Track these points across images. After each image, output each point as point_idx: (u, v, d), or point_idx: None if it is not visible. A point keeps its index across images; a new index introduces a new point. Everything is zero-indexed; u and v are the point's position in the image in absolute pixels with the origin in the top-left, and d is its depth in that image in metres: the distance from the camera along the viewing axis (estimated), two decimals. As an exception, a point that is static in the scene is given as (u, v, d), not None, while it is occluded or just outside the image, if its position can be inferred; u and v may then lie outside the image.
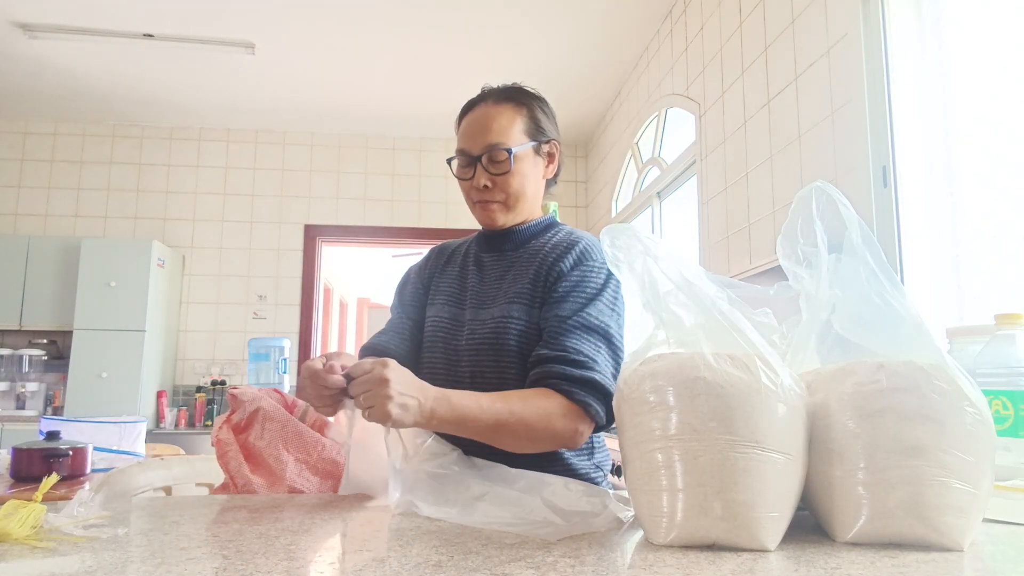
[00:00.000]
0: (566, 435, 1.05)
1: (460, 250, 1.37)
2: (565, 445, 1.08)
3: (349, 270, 8.36)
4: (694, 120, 3.30)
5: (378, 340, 1.29)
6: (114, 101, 4.80)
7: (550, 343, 1.11)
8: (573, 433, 1.06)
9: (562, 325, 1.12)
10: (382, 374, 0.89)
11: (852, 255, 0.77)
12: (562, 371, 1.07)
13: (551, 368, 1.08)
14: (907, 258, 1.89)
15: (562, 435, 1.05)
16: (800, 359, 0.80)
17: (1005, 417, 1.05)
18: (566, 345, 1.09)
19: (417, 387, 0.94)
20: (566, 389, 1.06)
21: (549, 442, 1.06)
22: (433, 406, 0.94)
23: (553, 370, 1.08)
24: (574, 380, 1.06)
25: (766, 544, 0.66)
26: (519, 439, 1.03)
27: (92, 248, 4.58)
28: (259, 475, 1.11)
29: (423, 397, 0.93)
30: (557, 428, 1.04)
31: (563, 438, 1.06)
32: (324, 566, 0.64)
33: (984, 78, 1.78)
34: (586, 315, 1.12)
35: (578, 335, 1.11)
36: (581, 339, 1.10)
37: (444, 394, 0.96)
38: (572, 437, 1.06)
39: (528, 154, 1.23)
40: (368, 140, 5.40)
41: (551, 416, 1.03)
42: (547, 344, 1.11)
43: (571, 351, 1.08)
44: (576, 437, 1.07)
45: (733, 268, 2.81)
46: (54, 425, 2.18)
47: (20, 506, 0.70)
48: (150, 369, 4.60)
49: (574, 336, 1.10)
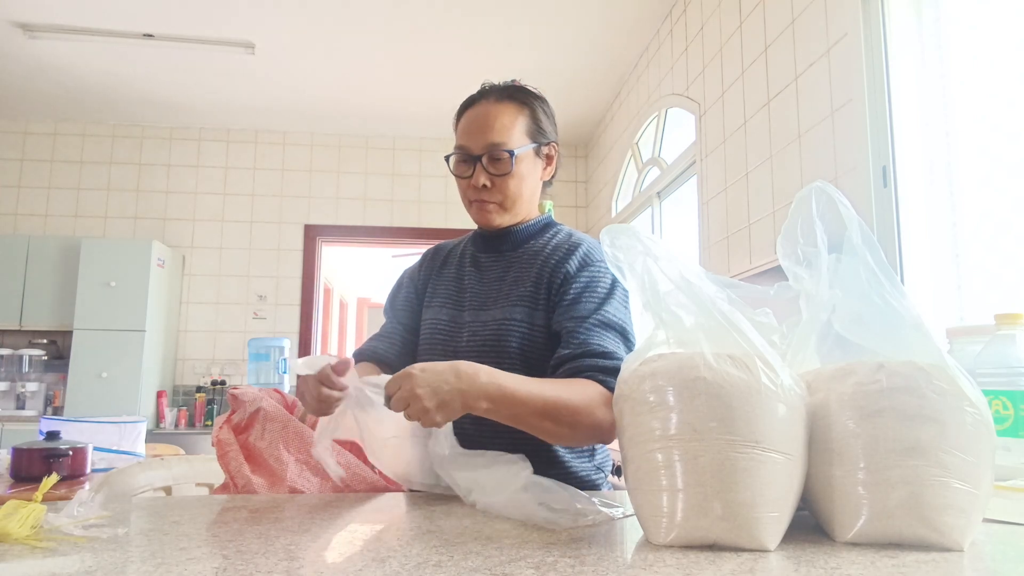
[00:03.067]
0: (606, 425, 1.01)
1: (456, 251, 1.36)
2: (603, 438, 1.05)
3: (349, 270, 8.36)
4: (694, 120, 3.30)
5: (369, 345, 1.30)
6: (114, 101, 4.80)
7: (571, 342, 1.10)
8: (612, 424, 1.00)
9: (581, 325, 1.11)
10: (411, 390, 0.89)
11: (852, 255, 0.76)
12: (594, 363, 1.06)
13: (581, 363, 1.07)
14: (907, 258, 1.89)
15: (602, 425, 1.01)
16: (800, 359, 0.80)
17: (1005, 417, 1.05)
18: (590, 342, 1.09)
19: (455, 376, 0.92)
20: (603, 379, 1.04)
21: (589, 431, 1.02)
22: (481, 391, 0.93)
23: (585, 363, 1.06)
24: (608, 371, 1.05)
25: (766, 544, 0.66)
26: (561, 426, 0.99)
27: (92, 248, 4.58)
28: (260, 475, 1.11)
29: (468, 385, 0.92)
30: (599, 417, 1.00)
31: (603, 429, 1.02)
32: (324, 566, 0.64)
33: (984, 78, 1.78)
34: (604, 313, 1.12)
35: (599, 332, 1.10)
36: (603, 336, 1.10)
37: (493, 377, 0.95)
38: (611, 428, 1.01)
39: (528, 155, 1.22)
40: (368, 140, 5.40)
41: (593, 404, 1.00)
42: (568, 344, 1.10)
43: (596, 347, 1.08)
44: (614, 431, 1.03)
45: (733, 268, 2.81)
46: (54, 425, 2.18)
47: (20, 506, 0.70)
48: (150, 369, 4.60)
49: (595, 333, 1.10)
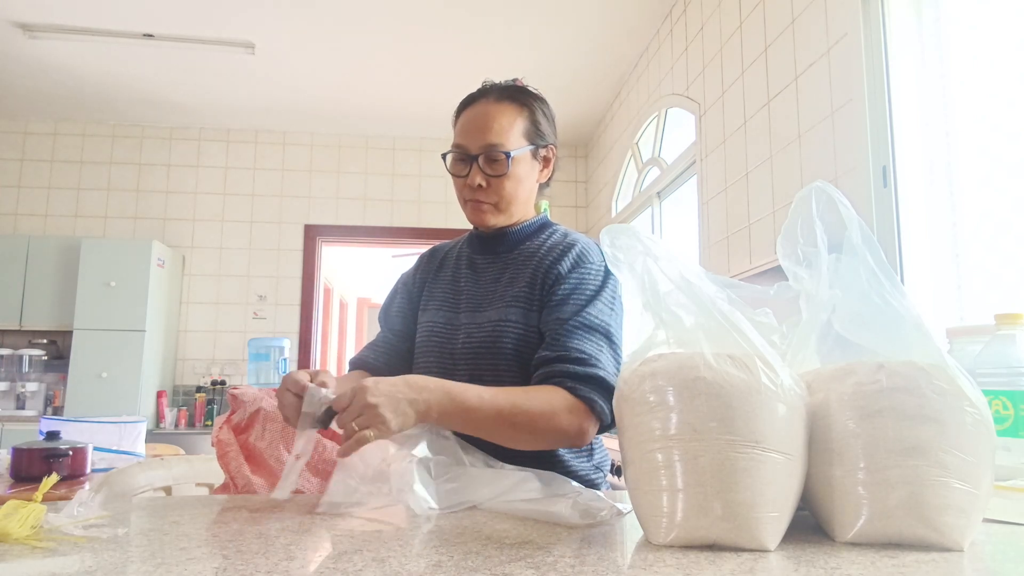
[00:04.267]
0: (571, 431, 1.03)
1: (452, 253, 1.35)
2: (571, 443, 1.06)
3: (349, 270, 8.36)
4: (694, 120, 3.30)
5: (360, 355, 1.32)
6: (114, 101, 4.80)
7: (552, 345, 1.10)
8: (578, 430, 1.04)
9: (563, 327, 1.11)
10: (364, 400, 0.88)
11: (852, 255, 0.76)
12: (565, 369, 1.06)
13: (554, 367, 1.07)
14: (907, 258, 1.89)
15: (567, 431, 1.03)
16: (800, 359, 0.80)
17: (1005, 417, 1.05)
18: (568, 345, 1.09)
19: (406, 386, 0.93)
20: (570, 385, 1.04)
21: (552, 437, 1.03)
22: (431, 399, 0.94)
23: (556, 369, 1.07)
24: (578, 377, 1.05)
25: (766, 544, 0.66)
26: (520, 432, 1.01)
27: (92, 248, 4.58)
28: (260, 475, 1.11)
29: (418, 394, 0.93)
30: (562, 424, 1.02)
31: (568, 435, 1.04)
32: (324, 566, 0.64)
33: (984, 78, 1.78)
34: (586, 315, 1.12)
35: (579, 335, 1.10)
36: (583, 339, 1.10)
37: (442, 386, 0.96)
38: (577, 434, 1.04)
39: (526, 157, 1.21)
40: (368, 140, 5.40)
41: (556, 411, 1.02)
42: (549, 346, 1.10)
43: (573, 351, 1.08)
44: (582, 435, 1.05)
45: (733, 268, 2.81)
46: (54, 425, 2.18)
47: (20, 506, 0.70)
48: (150, 369, 4.60)
49: (576, 336, 1.10)
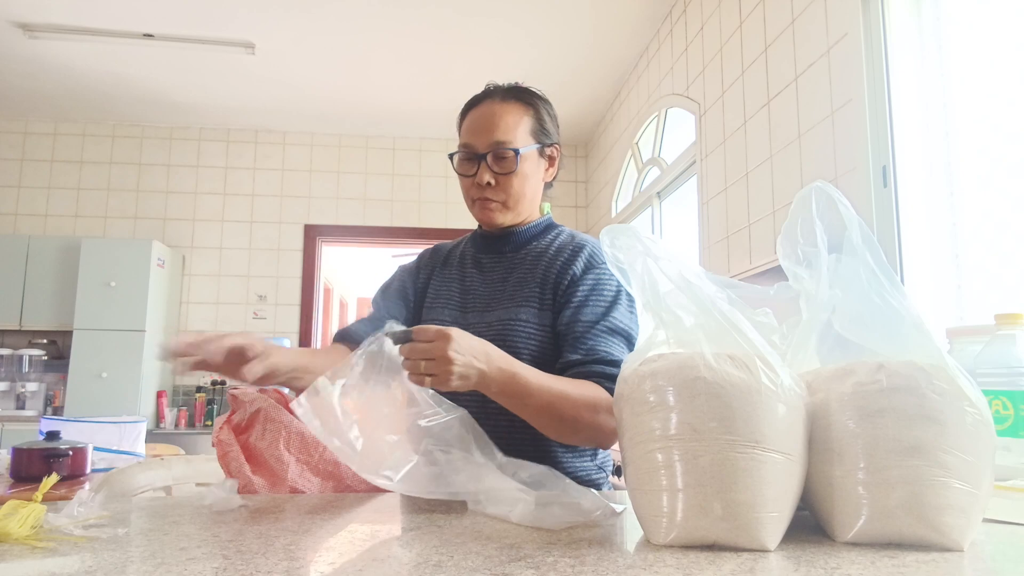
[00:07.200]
0: (607, 431, 1.04)
1: (456, 252, 1.35)
2: (601, 442, 1.08)
3: (349, 270, 8.36)
4: (694, 120, 3.30)
5: (353, 327, 1.27)
6: (114, 101, 4.79)
7: (579, 347, 1.11)
8: (612, 430, 1.04)
9: (590, 330, 1.13)
10: (443, 351, 0.88)
11: (852, 255, 0.76)
12: (602, 371, 1.08)
13: (589, 368, 1.09)
14: (907, 258, 1.89)
15: (603, 430, 1.04)
16: (800, 359, 0.80)
17: (1005, 417, 1.05)
18: (597, 348, 1.10)
19: (485, 356, 0.93)
20: (608, 387, 1.05)
21: (590, 433, 1.04)
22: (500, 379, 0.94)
23: (593, 369, 1.08)
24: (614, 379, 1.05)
25: (766, 544, 0.66)
26: (564, 424, 1.02)
27: (92, 248, 4.58)
28: (260, 476, 1.11)
29: (489, 368, 0.93)
30: (601, 422, 1.03)
31: (603, 434, 1.05)
32: (324, 566, 0.64)
33: (984, 78, 1.78)
34: (611, 319, 1.14)
35: (606, 339, 1.12)
36: (609, 343, 1.12)
37: (512, 367, 0.96)
38: (611, 434, 1.05)
39: (532, 155, 1.22)
40: (368, 140, 5.40)
41: (598, 409, 1.03)
42: (576, 348, 1.12)
43: (603, 354, 1.10)
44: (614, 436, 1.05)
45: (733, 268, 2.81)
46: (54, 425, 2.18)
47: (20, 506, 0.70)
48: (150, 369, 4.60)
49: (603, 340, 1.12)
